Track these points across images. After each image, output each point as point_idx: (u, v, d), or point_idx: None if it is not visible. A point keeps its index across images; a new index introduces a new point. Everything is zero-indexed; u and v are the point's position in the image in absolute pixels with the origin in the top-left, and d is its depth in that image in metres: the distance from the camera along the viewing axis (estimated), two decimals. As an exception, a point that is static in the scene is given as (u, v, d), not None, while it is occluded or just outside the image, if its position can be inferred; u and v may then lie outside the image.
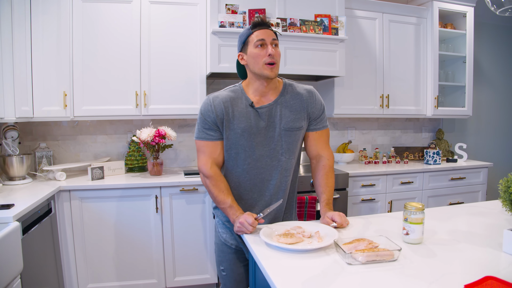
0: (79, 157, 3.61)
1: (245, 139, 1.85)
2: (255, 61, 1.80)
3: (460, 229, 1.76)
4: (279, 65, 1.84)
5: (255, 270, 1.61)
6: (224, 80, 3.87)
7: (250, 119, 1.85)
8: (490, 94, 5.11)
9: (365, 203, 3.62)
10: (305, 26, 3.33)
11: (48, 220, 2.66)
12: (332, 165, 1.99)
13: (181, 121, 3.81)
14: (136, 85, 3.28)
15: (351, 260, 1.33)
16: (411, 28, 4.08)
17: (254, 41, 1.79)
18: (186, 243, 3.16)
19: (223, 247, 2.02)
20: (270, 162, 1.90)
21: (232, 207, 1.80)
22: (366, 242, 1.43)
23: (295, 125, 1.90)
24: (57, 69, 3.08)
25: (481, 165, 4.12)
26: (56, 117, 3.11)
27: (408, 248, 1.49)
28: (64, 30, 3.08)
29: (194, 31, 3.37)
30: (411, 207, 1.53)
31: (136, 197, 3.02)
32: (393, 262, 1.34)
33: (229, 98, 1.86)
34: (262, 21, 1.81)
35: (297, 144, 1.95)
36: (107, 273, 3.03)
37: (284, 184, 1.96)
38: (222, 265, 2.04)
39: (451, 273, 1.25)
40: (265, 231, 1.61)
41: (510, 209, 1.41)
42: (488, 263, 1.35)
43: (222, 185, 1.85)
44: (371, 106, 3.97)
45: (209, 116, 1.85)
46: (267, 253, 1.46)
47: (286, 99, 1.90)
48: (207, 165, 1.87)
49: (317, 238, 1.56)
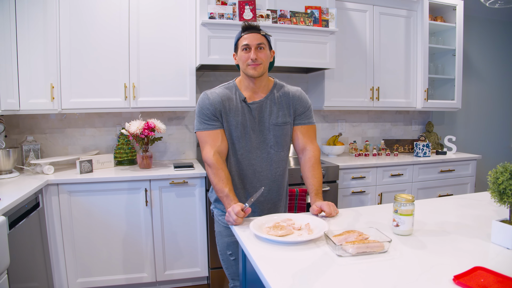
0: (67, 150, 3.57)
1: (239, 131, 1.97)
2: (241, 62, 1.96)
3: (449, 220, 1.76)
4: (265, 66, 1.96)
5: (245, 262, 1.60)
6: (214, 72, 3.84)
7: (244, 114, 1.98)
8: (479, 87, 5.14)
9: (355, 195, 3.62)
10: (296, 18, 3.31)
11: (36, 215, 2.63)
12: (318, 157, 2.05)
13: (170, 113, 3.78)
14: (125, 77, 3.24)
15: (341, 252, 1.33)
16: (401, 21, 4.08)
17: (241, 45, 1.94)
18: (176, 237, 3.14)
19: (227, 231, 2.05)
20: (261, 154, 2.02)
21: (228, 197, 1.84)
22: (356, 234, 1.43)
23: (282, 120, 2.02)
24: (44, 60, 3.03)
25: (470, 157, 4.15)
26: (43, 110, 3.07)
27: (398, 239, 1.49)
28: (50, 21, 3.02)
29: (183, 22, 3.33)
30: (401, 198, 1.53)
31: (125, 190, 3.00)
32: (383, 254, 1.34)
33: (225, 94, 2.00)
34: (249, 25, 1.95)
35: (285, 138, 2.06)
36: (96, 268, 3.01)
37: (275, 175, 2.07)
38: (229, 249, 2.06)
39: (441, 264, 1.26)
40: (255, 223, 1.60)
41: (499, 200, 1.41)
42: (477, 253, 1.36)
43: (222, 174, 1.90)
44: (361, 99, 3.97)
45: (207, 109, 1.96)
46: (257, 245, 1.45)
47: (275, 97, 2.03)
48: (210, 153, 1.93)
49: (307, 230, 1.55)
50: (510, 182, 1.36)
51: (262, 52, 1.93)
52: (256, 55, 1.90)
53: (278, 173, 2.07)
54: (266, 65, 1.96)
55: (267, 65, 1.98)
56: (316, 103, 3.92)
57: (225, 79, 3.83)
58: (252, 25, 1.95)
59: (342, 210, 1.93)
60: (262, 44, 1.93)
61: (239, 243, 1.58)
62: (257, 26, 1.96)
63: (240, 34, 1.97)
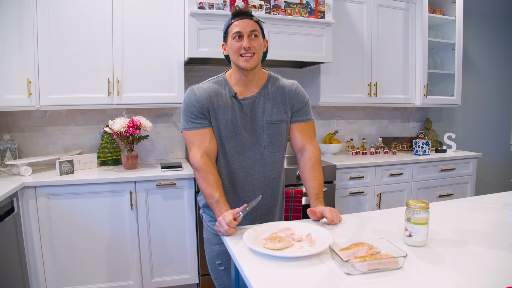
0: (47, 150, 3.35)
1: (229, 130, 1.79)
2: (232, 52, 1.77)
3: (464, 227, 1.59)
4: (259, 56, 1.79)
5: (238, 278, 1.41)
6: (203, 66, 3.65)
7: (234, 111, 1.80)
8: (478, 83, 4.99)
9: (353, 196, 3.45)
10: (290, 9, 3.13)
11: (11, 220, 2.44)
12: (318, 158, 1.89)
13: (157, 110, 3.57)
14: (108, 71, 3.03)
15: (350, 270, 1.14)
16: (399, 13, 3.91)
17: (232, 33, 1.75)
18: (164, 242, 2.95)
19: (216, 239, 1.87)
20: (253, 156, 1.85)
21: (218, 203, 1.66)
22: (366, 247, 1.24)
23: (277, 118, 1.84)
24: (20, 52, 2.80)
25: (471, 155, 3.99)
26: (19, 106, 2.85)
27: (412, 252, 1.31)
28: (26, 9, 2.80)
29: (171, 12, 3.12)
30: (414, 205, 1.35)
31: (108, 193, 2.80)
32: (397, 270, 1.17)
33: (213, 89, 1.82)
34: (241, 10, 1.76)
35: (280, 138, 1.88)
36: (79, 276, 2.81)
37: (269, 179, 1.89)
38: (218, 259, 1.88)
39: (466, 283, 1.09)
40: (249, 234, 1.41)
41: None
42: (505, 270, 1.19)
43: (211, 178, 1.72)
44: (358, 95, 3.79)
45: (194, 106, 1.79)
46: (252, 260, 1.27)
47: (269, 92, 1.86)
48: (197, 155, 1.76)
49: (308, 242, 1.37)
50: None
51: (256, 40, 1.75)
52: (250, 43, 1.72)
53: (272, 176, 1.90)
54: (260, 56, 1.78)
55: (260, 56, 1.80)
56: (312, 99, 3.73)
57: (215, 74, 3.62)
58: (244, 11, 1.76)
59: (345, 217, 1.74)
60: (255, 31, 1.75)
61: (231, 258, 1.39)
62: (249, 11, 1.77)
63: (230, 21, 1.78)
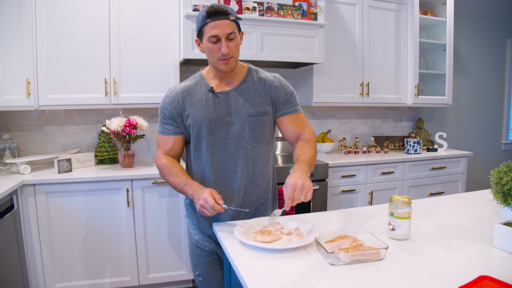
0: (46, 149, 3.41)
1: (206, 126, 1.73)
2: (209, 54, 1.70)
3: (447, 222, 1.67)
4: (237, 56, 1.72)
5: (230, 272, 1.48)
6: (198, 67, 3.70)
7: (210, 106, 1.74)
8: (469, 83, 5.07)
9: (345, 194, 3.53)
10: (283, 11, 3.19)
11: (10, 217, 2.49)
12: (313, 139, 1.84)
13: (154, 110, 3.63)
14: (106, 72, 3.09)
15: (334, 260, 1.22)
16: (391, 15, 3.98)
17: (208, 35, 1.63)
18: (159, 238, 3.01)
19: (196, 249, 1.88)
20: (235, 151, 1.76)
21: (187, 184, 1.67)
22: (350, 239, 1.31)
23: (259, 110, 1.77)
24: (19, 54, 2.86)
25: (461, 154, 4.07)
26: (19, 106, 2.91)
27: (394, 244, 1.38)
28: (26, 11, 2.86)
29: (167, 14, 3.19)
30: (397, 200, 1.42)
31: (106, 190, 2.86)
32: (379, 261, 1.24)
33: (187, 88, 1.78)
34: (217, 11, 1.61)
35: (263, 131, 1.79)
36: (76, 272, 2.87)
37: (252, 175, 1.79)
38: (197, 269, 1.90)
39: (443, 273, 1.16)
40: (240, 228, 1.48)
41: (502, 201, 1.31)
42: (480, 260, 1.26)
43: (174, 170, 1.74)
44: (350, 94, 3.87)
45: (166, 109, 1.79)
46: (242, 253, 1.34)
47: (249, 85, 1.79)
48: (160, 157, 1.81)
49: (296, 236, 1.44)
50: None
51: (233, 41, 1.66)
52: (228, 48, 1.64)
53: (256, 172, 1.79)
54: (237, 56, 1.72)
55: (238, 55, 1.73)
56: (305, 99, 3.80)
57: (210, 75, 3.71)
58: (220, 9, 1.61)
59: (333, 212, 1.82)
60: (232, 34, 1.64)
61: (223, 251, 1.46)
62: (225, 10, 1.62)
63: (204, 20, 1.62)
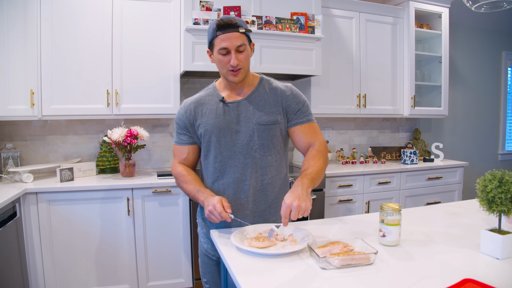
0: (48, 158, 3.47)
1: (215, 135, 1.77)
2: (220, 66, 1.76)
3: (437, 230, 1.72)
4: (247, 67, 1.77)
5: (227, 276, 1.54)
6: (199, 79, 3.79)
7: (220, 115, 1.78)
8: (465, 94, 5.15)
9: (342, 203, 3.58)
10: (281, 24, 3.28)
11: (13, 224, 2.54)
12: (322, 150, 1.80)
13: (154, 120, 3.71)
14: (108, 83, 3.17)
15: (326, 265, 1.27)
16: (387, 28, 4.07)
17: (218, 48, 1.70)
18: (159, 247, 3.06)
19: (205, 258, 1.95)
20: (244, 160, 1.77)
21: (199, 191, 1.75)
22: (341, 245, 1.37)
23: (269, 119, 1.78)
24: (24, 65, 2.94)
25: (457, 164, 4.13)
26: (22, 116, 2.99)
27: (384, 250, 1.44)
28: (31, 25, 2.94)
29: (168, 27, 3.28)
30: (387, 208, 1.48)
31: (107, 199, 2.91)
32: (369, 266, 1.29)
33: (200, 99, 1.86)
34: (226, 23, 1.67)
35: (273, 140, 1.80)
36: (77, 279, 2.91)
37: (261, 184, 1.80)
38: (205, 277, 1.97)
39: (429, 277, 1.21)
40: (237, 234, 1.54)
41: (487, 209, 1.37)
42: (466, 265, 1.31)
43: (189, 177, 1.83)
44: (348, 106, 3.94)
45: (180, 120, 1.88)
46: (238, 257, 1.39)
47: (260, 94, 1.82)
48: (175, 165, 1.92)
49: (290, 242, 1.49)
50: (499, 190, 1.32)
51: (243, 53, 1.71)
52: (237, 60, 1.69)
53: (265, 181, 1.79)
54: (247, 67, 1.76)
55: (248, 66, 1.77)
56: (303, 110, 3.87)
57: (210, 86, 3.78)
58: (230, 23, 1.67)
59: (326, 220, 1.88)
60: (242, 46, 1.69)
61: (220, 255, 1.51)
62: (235, 23, 1.68)
63: (215, 33, 1.68)
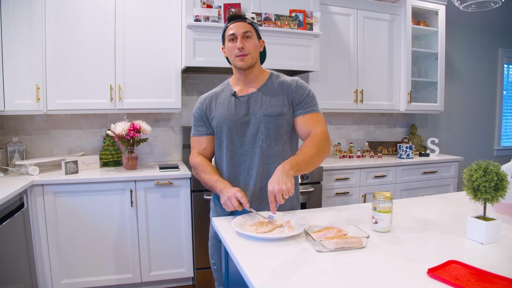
0: (52, 151, 3.56)
1: (226, 126, 1.91)
2: (229, 54, 1.92)
3: (428, 218, 1.80)
4: (254, 55, 1.89)
5: (228, 259, 1.62)
6: (199, 74, 3.86)
7: (231, 108, 1.92)
8: (461, 90, 5.23)
9: (339, 196, 3.67)
10: (280, 21, 3.35)
11: (20, 215, 2.62)
12: (318, 138, 1.83)
13: (156, 115, 3.79)
14: (111, 78, 3.25)
15: (321, 248, 1.36)
16: (385, 25, 4.15)
17: (227, 35, 1.89)
18: (161, 237, 3.15)
19: (214, 240, 2.04)
20: (252, 149, 1.91)
21: (218, 181, 1.85)
22: (335, 230, 1.46)
23: (275, 110, 1.89)
24: (29, 61, 3.03)
25: (452, 159, 4.22)
26: (28, 111, 3.07)
27: (376, 236, 1.53)
28: (36, 22, 3.02)
29: (169, 24, 3.35)
30: (380, 196, 1.57)
31: (110, 191, 3.00)
32: (361, 249, 1.38)
33: (214, 93, 2.02)
34: (235, 14, 1.89)
35: (279, 131, 1.90)
36: (81, 268, 3.00)
37: (268, 172, 1.90)
38: (213, 258, 2.06)
39: (417, 259, 1.29)
40: (237, 221, 1.63)
41: (473, 197, 1.46)
42: (453, 249, 1.40)
43: (208, 168, 1.94)
44: (345, 101, 4.02)
45: (197, 113, 2.02)
46: (238, 242, 1.48)
47: (268, 88, 1.95)
48: (194, 156, 2.01)
49: (288, 227, 1.58)
50: (484, 179, 1.40)
51: (249, 41, 1.86)
52: (243, 44, 1.84)
53: (272, 169, 1.89)
54: (254, 55, 1.89)
55: (255, 55, 1.90)
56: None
57: (210, 82, 3.87)
58: (238, 14, 1.89)
59: (323, 209, 1.96)
60: (248, 33, 1.86)
61: (221, 240, 1.60)
62: (242, 15, 1.89)
63: (226, 25, 1.90)
